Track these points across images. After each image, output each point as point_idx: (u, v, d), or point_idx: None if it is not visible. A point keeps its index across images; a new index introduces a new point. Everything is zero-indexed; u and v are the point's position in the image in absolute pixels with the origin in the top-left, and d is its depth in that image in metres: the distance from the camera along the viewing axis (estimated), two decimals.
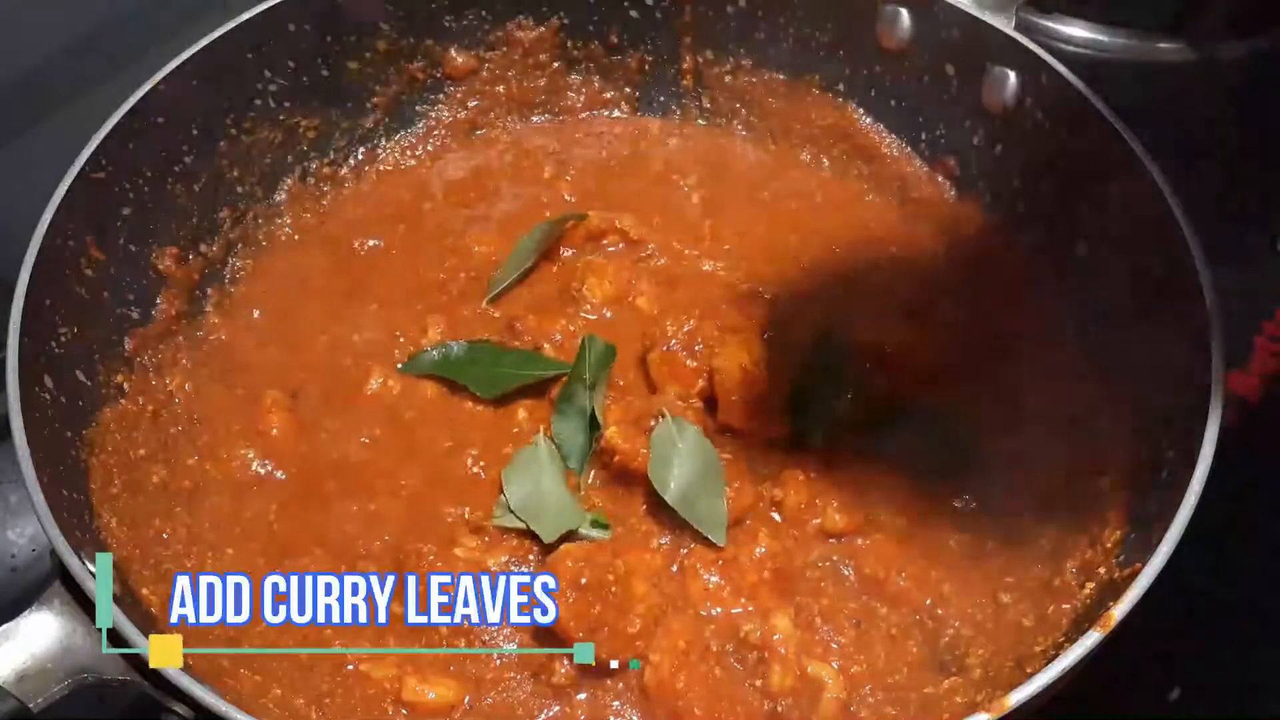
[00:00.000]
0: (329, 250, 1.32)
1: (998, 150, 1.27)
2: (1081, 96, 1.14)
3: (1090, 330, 1.16)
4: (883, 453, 1.11)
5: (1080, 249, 1.19)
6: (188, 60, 1.19)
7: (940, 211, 1.32)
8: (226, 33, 1.22)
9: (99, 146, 1.11)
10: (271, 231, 1.33)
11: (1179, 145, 1.13)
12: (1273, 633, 1.13)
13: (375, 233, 1.33)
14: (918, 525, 1.07)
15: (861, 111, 1.36)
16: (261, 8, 1.24)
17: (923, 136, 1.33)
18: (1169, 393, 1.01)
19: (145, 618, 0.94)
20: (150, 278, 1.20)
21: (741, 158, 1.43)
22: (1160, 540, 0.88)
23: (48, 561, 1.12)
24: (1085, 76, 1.15)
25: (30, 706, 0.85)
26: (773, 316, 1.20)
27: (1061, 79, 1.16)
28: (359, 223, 1.35)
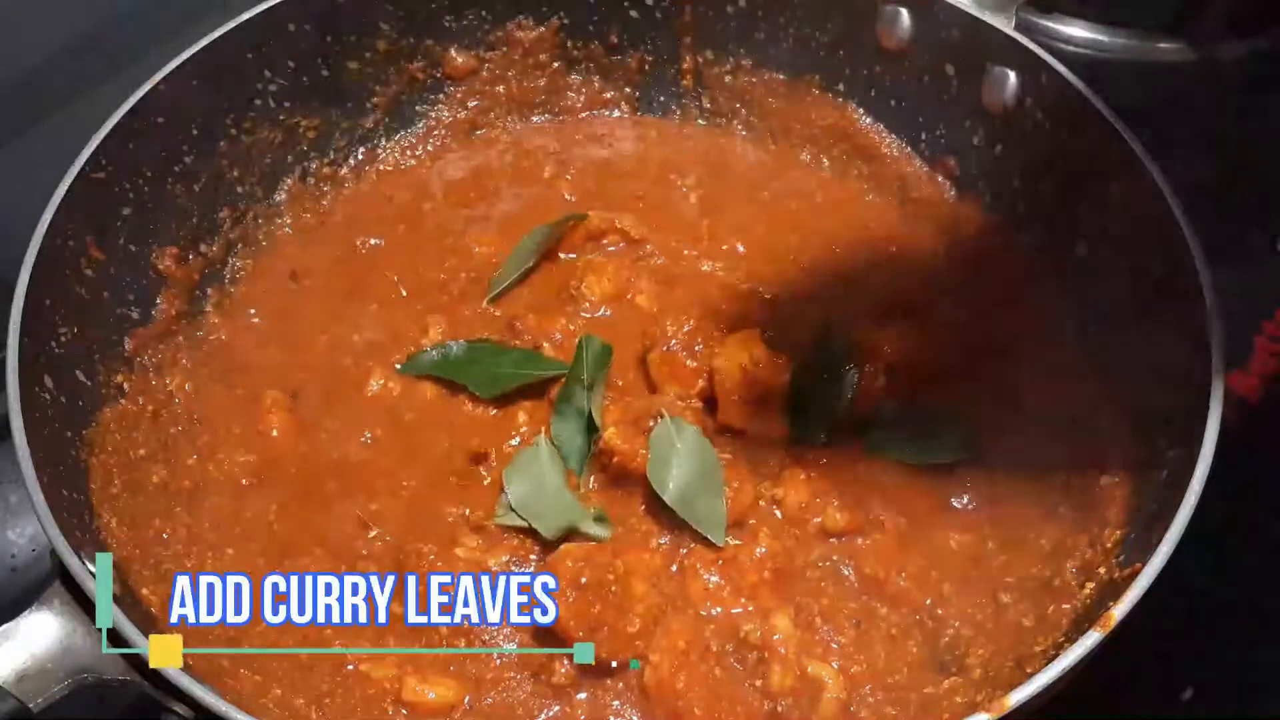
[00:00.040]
0: (329, 250, 1.32)
1: (998, 150, 1.27)
2: (1081, 96, 1.14)
3: (1090, 330, 1.16)
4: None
5: (1080, 249, 1.19)
6: (188, 60, 1.19)
7: (940, 211, 1.32)
8: (226, 33, 1.22)
9: (99, 146, 1.12)
10: (271, 231, 1.33)
11: (1179, 145, 1.13)
12: (1273, 633, 1.13)
13: (375, 233, 1.34)
14: (918, 525, 1.07)
15: (861, 111, 1.36)
16: (261, 8, 1.24)
17: (923, 136, 1.33)
18: (1169, 393, 1.01)
19: (145, 618, 0.94)
20: (150, 278, 1.20)
21: (741, 158, 1.43)
22: (1160, 540, 0.88)
23: (48, 561, 1.12)
24: (1085, 76, 1.15)
25: (30, 706, 0.85)
26: (773, 316, 1.20)
27: (1061, 79, 1.16)
28: (359, 223, 1.35)
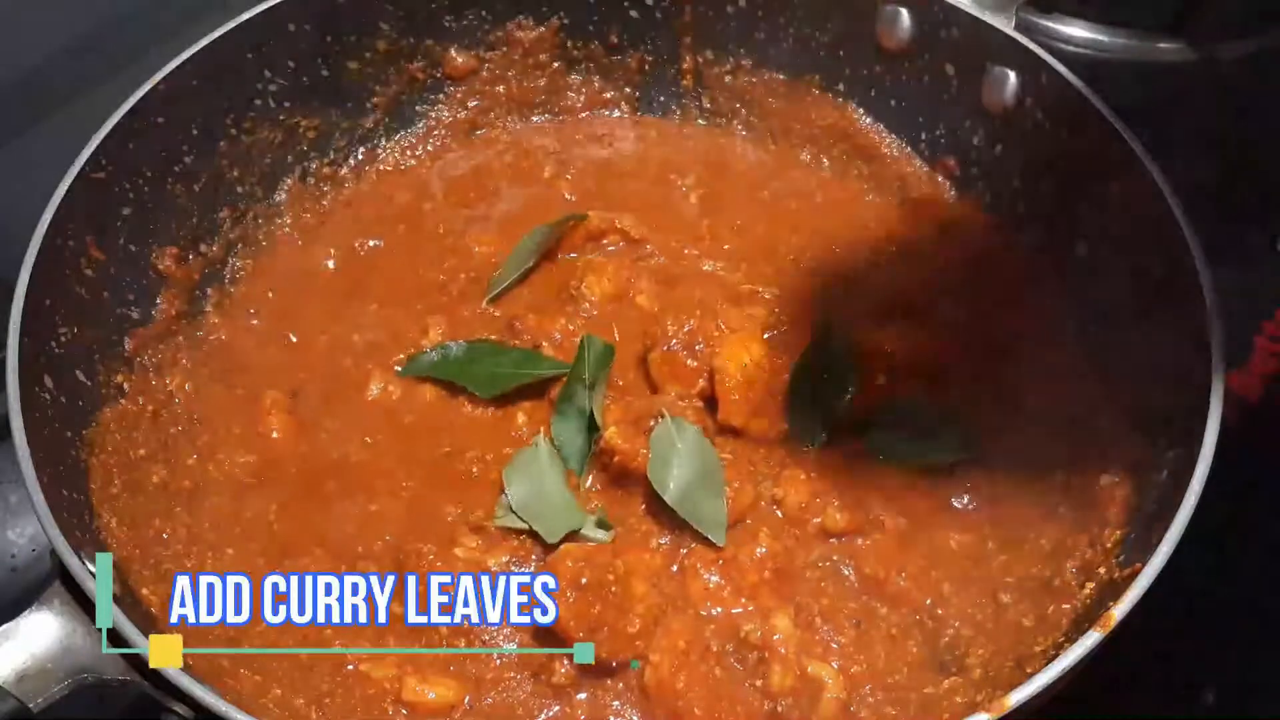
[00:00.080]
0: (329, 250, 1.32)
1: (998, 150, 1.27)
2: (1081, 96, 1.14)
3: (1090, 330, 1.16)
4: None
5: (1080, 249, 1.19)
6: (188, 60, 1.19)
7: (940, 211, 1.32)
8: (226, 33, 1.22)
9: (99, 146, 1.12)
10: (271, 231, 1.33)
11: (1179, 145, 1.13)
12: (1273, 633, 1.13)
13: (375, 233, 1.34)
14: (918, 525, 1.07)
15: (861, 111, 1.36)
16: (261, 8, 1.24)
17: (923, 136, 1.33)
18: (1169, 393, 1.01)
19: (145, 618, 0.94)
20: (150, 278, 1.20)
21: (741, 158, 1.42)
22: (1160, 540, 0.88)
23: (48, 561, 1.11)
24: (1085, 76, 1.15)
25: (30, 706, 0.85)
26: (773, 316, 1.20)
27: (1061, 79, 1.16)
28: (359, 223, 1.35)
